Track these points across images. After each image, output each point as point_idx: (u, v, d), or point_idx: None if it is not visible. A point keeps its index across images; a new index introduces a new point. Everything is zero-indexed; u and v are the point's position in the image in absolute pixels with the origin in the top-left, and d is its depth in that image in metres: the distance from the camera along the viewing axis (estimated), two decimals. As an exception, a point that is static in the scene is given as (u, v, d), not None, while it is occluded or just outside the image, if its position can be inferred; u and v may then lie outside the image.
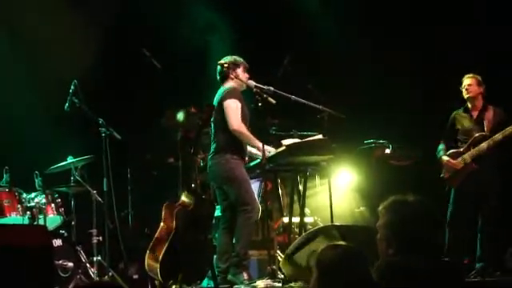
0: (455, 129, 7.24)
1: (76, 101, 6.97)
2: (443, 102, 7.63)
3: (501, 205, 6.98)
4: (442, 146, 7.27)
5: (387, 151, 8.35)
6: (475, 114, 7.17)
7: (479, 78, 7.15)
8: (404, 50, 8.58)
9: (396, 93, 8.42)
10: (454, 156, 7.12)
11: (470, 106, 7.19)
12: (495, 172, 7.04)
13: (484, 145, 6.93)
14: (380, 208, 3.47)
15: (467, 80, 7.16)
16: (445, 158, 7.15)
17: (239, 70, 6.62)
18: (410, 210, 3.41)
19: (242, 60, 6.68)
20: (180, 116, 7.03)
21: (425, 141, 7.79)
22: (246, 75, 6.64)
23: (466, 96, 7.16)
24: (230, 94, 6.47)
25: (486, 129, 7.03)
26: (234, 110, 6.40)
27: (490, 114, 7.11)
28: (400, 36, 8.74)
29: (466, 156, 7.02)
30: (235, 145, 6.44)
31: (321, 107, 6.82)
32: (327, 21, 8.84)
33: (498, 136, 6.87)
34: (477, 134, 7.03)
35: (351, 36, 8.72)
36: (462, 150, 7.09)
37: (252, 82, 6.57)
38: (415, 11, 8.80)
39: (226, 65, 6.62)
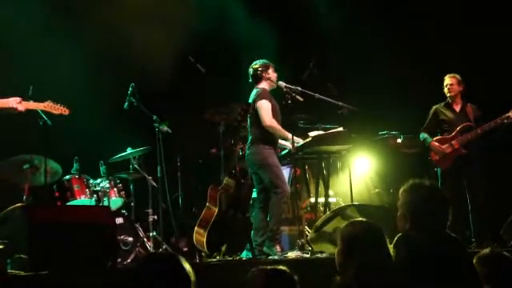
0: (438, 120, 7.19)
1: (133, 100, 7.00)
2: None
3: (487, 185, 6.93)
4: (426, 135, 7.21)
5: (399, 141, 8.30)
6: (457, 108, 7.14)
7: (459, 77, 7.12)
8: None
9: (406, 91, 8.35)
10: (441, 142, 7.07)
11: (451, 101, 7.15)
12: (482, 156, 7.00)
13: (472, 133, 6.91)
14: (401, 190, 3.45)
15: (449, 80, 7.14)
16: (435, 143, 7.09)
17: (270, 72, 6.61)
18: (423, 191, 3.38)
19: (270, 62, 6.67)
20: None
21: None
22: (275, 74, 6.63)
23: (448, 94, 7.13)
24: (261, 95, 6.48)
25: (471, 120, 7.02)
26: (265, 109, 6.41)
27: (469, 109, 7.10)
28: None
29: (454, 142, 6.98)
30: (267, 137, 6.45)
31: (341, 103, 6.79)
32: (341, 20, 8.72)
33: (485, 126, 6.87)
34: (463, 124, 7.00)
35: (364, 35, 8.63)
36: (449, 136, 7.04)
37: (282, 83, 6.56)
38: (433, 10, 8.65)
39: (259, 68, 6.62)
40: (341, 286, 3.04)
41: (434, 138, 7.15)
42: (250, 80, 6.67)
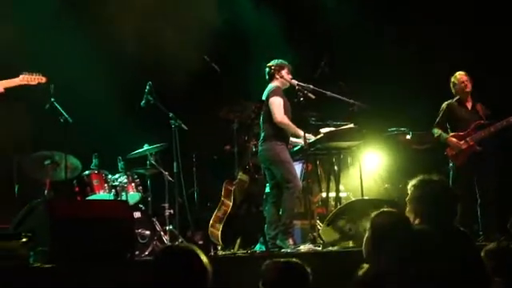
0: (450, 116, 7.12)
1: (150, 98, 7.02)
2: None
3: (498, 182, 6.88)
4: (440, 131, 7.12)
5: (408, 137, 8.26)
6: (469, 105, 7.08)
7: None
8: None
9: (417, 88, 8.30)
10: (457, 138, 7.02)
11: (462, 99, 7.08)
12: (497, 154, 6.96)
13: (485, 131, 6.86)
14: (409, 185, 3.41)
15: (464, 77, 7.05)
16: (453, 139, 7.03)
17: (284, 72, 6.61)
18: (433, 186, 3.35)
19: (286, 63, 6.67)
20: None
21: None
22: (290, 75, 6.62)
23: (465, 90, 7.02)
24: (273, 92, 6.48)
25: (483, 118, 6.97)
26: (277, 105, 6.40)
27: (479, 107, 7.06)
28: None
29: (469, 139, 6.93)
30: (280, 133, 6.45)
31: (351, 101, 6.76)
32: (349, 16, 8.66)
33: (498, 125, 6.81)
34: (476, 122, 6.94)
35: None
36: (463, 133, 6.99)
37: (295, 81, 6.55)
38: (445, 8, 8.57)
39: (272, 67, 6.62)
40: (368, 275, 3.03)
41: (450, 134, 7.09)
42: (267, 77, 6.68)
